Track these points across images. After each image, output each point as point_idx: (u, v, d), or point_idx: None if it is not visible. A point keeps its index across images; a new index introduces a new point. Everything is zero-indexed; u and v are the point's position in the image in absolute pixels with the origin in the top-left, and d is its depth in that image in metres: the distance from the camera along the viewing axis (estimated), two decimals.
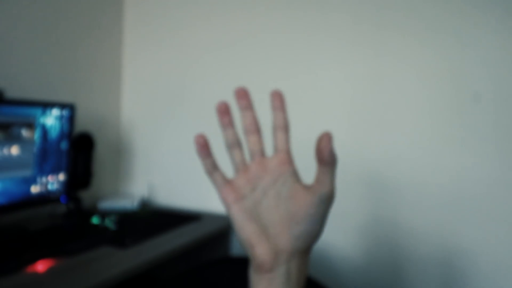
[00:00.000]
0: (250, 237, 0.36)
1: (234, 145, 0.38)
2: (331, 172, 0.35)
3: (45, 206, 1.21)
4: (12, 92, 1.11)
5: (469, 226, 1.09)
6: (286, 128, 0.38)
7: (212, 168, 0.37)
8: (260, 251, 0.36)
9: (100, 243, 1.00)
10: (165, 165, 1.54)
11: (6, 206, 1.04)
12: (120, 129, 1.64)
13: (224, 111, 0.38)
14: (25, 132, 1.07)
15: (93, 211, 1.32)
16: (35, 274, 0.80)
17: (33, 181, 1.11)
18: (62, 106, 1.18)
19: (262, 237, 0.36)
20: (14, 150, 1.04)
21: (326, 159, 0.34)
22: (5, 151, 1.02)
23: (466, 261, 1.09)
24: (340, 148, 1.27)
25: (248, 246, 0.36)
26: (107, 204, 1.39)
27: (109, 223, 1.17)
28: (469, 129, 1.10)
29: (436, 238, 1.13)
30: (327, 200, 0.36)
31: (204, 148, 0.37)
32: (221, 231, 1.29)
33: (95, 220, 1.19)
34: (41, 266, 0.84)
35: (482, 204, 1.08)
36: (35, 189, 1.12)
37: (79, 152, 1.28)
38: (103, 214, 1.26)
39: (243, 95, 0.39)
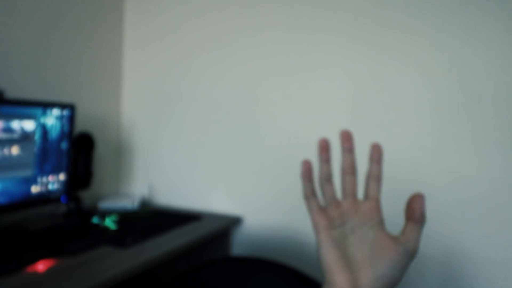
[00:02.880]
0: (334, 263, 0.38)
1: (328, 179, 0.41)
2: (419, 230, 0.38)
3: (46, 206, 1.21)
4: (13, 92, 1.11)
5: (469, 226, 1.09)
6: (380, 179, 0.41)
7: (311, 193, 0.40)
8: (340, 279, 0.37)
9: (100, 243, 1.00)
10: (165, 165, 1.55)
11: (7, 206, 1.04)
12: (120, 129, 1.64)
13: (325, 147, 0.40)
14: (25, 132, 1.07)
15: (93, 211, 1.32)
16: (35, 274, 0.80)
17: (33, 181, 1.11)
18: (62, 106, 1.18)
19: (345, 267, 0.38)
20: (15, 150, 1.05)
21: (418, 218, 0.37)
22: (5, 151, 1.02)
23: (465, 261, 1.09)
24: (339, 147, 1.28)
25: (330, 272, 0.38)
26: (107, 204, 1.39)
27: (110, 223, 1.17)
28: (469, 129, 1.10)
29: (435, 238, 1.13)
30: (411, 254, 0.38)
31: (308, 173, 0.39)
32: (221, 231, 1.29)
33: (95, 220, 1.19)
34: (41, 266, 0.84)
35: (482, 204, 1.08)
36: (35, 189, 1.12)
37: (79, 152, 1.28)
38: (104, 214, 1.26)
39: (347, 138, 0.41)
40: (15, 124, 1.04)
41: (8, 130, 1.02)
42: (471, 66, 1.09)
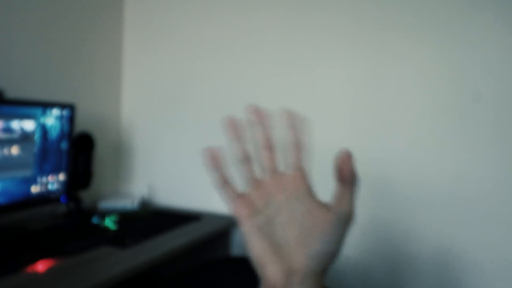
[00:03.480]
0: (262, 255, 0.35)
1: (245, 159, 0.38)
2: (351, 191, 0.34)
3: (45, 206, 1.21)
4: (12, 92, 1.11)
5: (468, 227, 1.09)
6: (299, 145, 0.37)
7: (223, 181, 0.37)
8: (272, 270, 0.34)
9: (100, 243, 1.00)
10: (165, 165, 1.55)
11: (6, 206, 1.04)
12: (120, 129, 1.64)
13: (232, 124, 0.37)
14: (25, 132, 1.07)
15: (93, 211, 1.32)
16: (35, 274, 0.80)
17: (33, 181, 1.11)
18: (62, 106, 1.18)
19: (274, 256, 0.34)
20: (14, 150, 1.05)
21: (347, 177, 0.33)
22: (5, 151, 1.02)
23: (464, 262, 1.09)
24: (339, 147, 1.28)
25: (259, 265, 0.35)
26: (107, 204, 1.39)
27: (109, 223, 1.17)
28: (469, 129, 1.09)
29: (435, 238, 1.13)
30: (346, 220, 0.34)
31: (213, 160, 0.37)
32: (221, 231, 1.29)
33: (95, 220, 1.19)
34: (41, 266, 0.84)
35: (481, 205, 1.08)
36: (35, 189, 1.12)
37: (79, 152, 1.28)
38: (103, 214, 1.26)
39: (254, 111, 0.38)
40: (15, 124, 1.04)
41: (8, 130, 1.02)
42: (471, 66, 1.09)
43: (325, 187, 0.44)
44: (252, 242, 0.35)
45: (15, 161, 1.05)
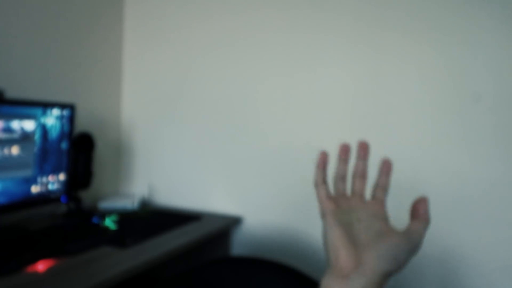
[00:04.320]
0: (338, 239, 0.39)
1: (343, 177, 0.45)
2: (423, 228, 0.39)
3: (46, 206, 1.21)
4: (13, 92, 1.11)
5: (468, 226, 1.09)
6: (387, 188, 0.44)
7: (322, 181, 0.44)
8: (344, 255, 0.38)
9: (100, 243, 1.00)
10: (165, 165, 1.55)
11: (7, 206, 1.04)
12: (120, 129, 1.64)
13: (345, 151, 0.46)
14: (25, 132, 1.07)
15: (93, 211, 1.32)
16: (35, 274, 0.81)
17: (33, 181, 1.11)
18: (62, 106, 1.18)
19: (349, 244, 0.39)
20: (15, 150, 1.05)
21: (422, 216, 0.39)
22: (5, 151, 1.02)
23: (465, 261, 1.09)
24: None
25: (334, 249, 0.39)
26: (107, 204, 1.39)
27: (109, 223, 1.17)
28: (469, 129, 1.10)
29: (435, 238, 1.13)
30: (414, 245, 0.38)
31: (323, 162, 0.44)
32: (221, 231, 1.29)
33: (95, 220, 1.19)
34: (41, 266, 0.84)
35: (482, 205, 1.08)
36: (35, 189, 1.12)
37: (79, 152, 1.28)
38: (104, 214, 1.26)
39: (364, 148, 0.46)
40: (15, 124, 1.04)
41: (8, 130, 1.02)
42: (471, 66, 1.09)
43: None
44: (332, 229, 0.40)
45: (15, 161, 1.05)
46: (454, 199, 1.11)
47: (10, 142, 1.03)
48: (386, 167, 0.46)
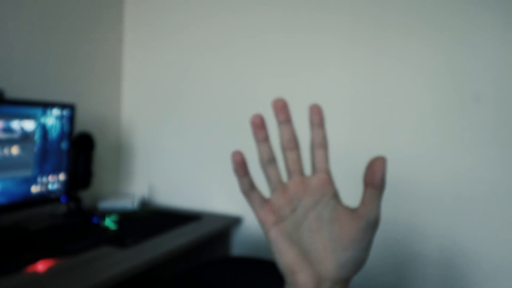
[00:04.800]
0: (292, 262, 0.34)
1: (270, 161, 0.36)
2: (379, 196, 0.33)
3: (46, 206, 1.21)
4: (13, 93, 1.11)
5: (469, 226, 1.09)
6: (325, 146, 0.36)
7: (249, 187, 0.35)
8: (303, 278, 0.33)
9: (100, 243, 1.00)
10: (165, 165, 1.55)
11: (7, 206, 1.04)
12: (120, 129, 1.64)
13: (259, 124, 0.34)
14: (25, 132, 1.07)
15: (93, 211, 1.32)
16: (35, 274, 0.81)
17: (33, 181, 1.11)
18: (62, 106, 1.18)
19: (304, 263, 0.34)
20: (15, 150, 1.05)
21: (377, 182, 0.32)
22: (5, 151, 1.02)
23: (465, 261, 1.10)
24: (340, 148, 1.28)
25: (289, 273, 0.34)
26: (107, 204, 1.39)
27: (110, 223, 1.17)
28: (469, 129, 1.10)
29: (436, 238, 1.13)
30: (374, 225, 0.33)
31: (241, 166, 0.34)
32: (221, 231, 1.29)
33: (95, 220, 1.19)
34: (41, 266, 0.84)
35: (482, 204, 1.08)
36: (35, 189, 1.12)
37: (79, 152, 1.28)
38: (104, 214, 1.26)
39: (281, 107, 0.35)
40: (15, 124, 1.04)
41: (8, 130, 1.02)
42: (471, 66, 1.09)
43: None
44: (280, 250, 0.34)
45: (16, 161, 1.05)
46: (454, 199, 1.11)
47: (10, 142, 1.03)
48: (316, 116, 0.36)
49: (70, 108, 1.20)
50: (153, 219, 1.28)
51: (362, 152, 1.21)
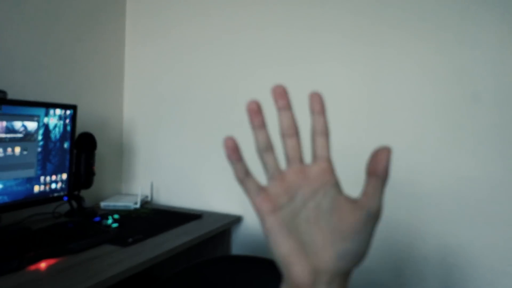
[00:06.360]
0: (287, 254, 0.32)
1: (267, 149, 0.35)
2: (382, 187, 0.31)
3: (48, 205, 1.22)
4: (15, 95, 1.12)
5: (468, 227, 1.10)
6: (326, 133, 0.35)
7: (244, 174, 0.33)
8: (298, 271, 0.31)
9: (102, 241, 1.01)
10: (167, 165, 1.56)
11: (10, 205, 1.05)
12: (122, 129, 1.65)
13: (256, 110, 0.34)
14: (28, 133, 1.08)
15: (95, 210, 1.33)
16: (38, 273, 0.82)
17: (36, 180, 1.12)
18: (64, 106, 1.19)
19: (301, 255, 0.32)
20: (18, 150, 1.06)
21: (381, 172, 0.31)
22: (8, 150, 1.03)
23: (465, 261, 1.10)
24: (340, 148, 1.28)
25: (284, 264, 0.32)
26: (109, 203, 1.41)
27: (111, 222, 1.18)
28: (469, 129, 1.10)
29: (435, 238, 1.13)
30: (375, 217, 0.32)
31: (234, 151, 0.33)
32: (221, 230, 1.30)
33: (97, 219, 1.20)
34: (43, 265, 0.85)
35: (482, 204, 1.08)
36: (38, 188, 1.13)
37: (81, 152, 1.29)
38: (105, 213, 1.27)
39: (281, 93, 0.35)
40: (18, 125, 1.05)
41: (11, 130, 1.03)
42: (471, 66, 1.10)
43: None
44: (276, 240, 0.32)
45: (18, 160, 1.06)
46: (454, 199, 1.11)
47: (13, 142, 1.04)
48: (316, 104, 0.36)
49: (72, 108, 1.21)
50: (154, 218, 1.29)
51: (361, 151, 1.22)
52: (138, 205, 1.42)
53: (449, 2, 1.12)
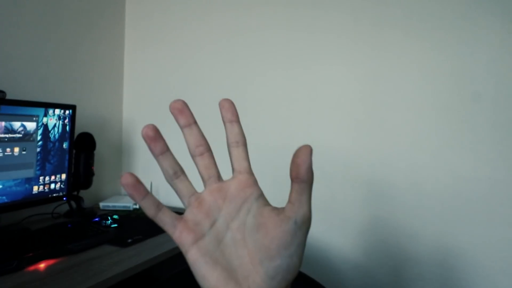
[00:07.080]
0: (216, 285, 0.29)
1: (176, 175, 0.33)
2: (307, 191, 0.29)
3: (47, 205, 1.22)
4: (14, 95, 1.12)
5: (468, 227, 1.10)
6: (243, 142, 0.33)
7: (155, 209, 0.31)
8: None
9: (101, 242, 1.01)
10: None
11: (9, 206, 1.05)
12: (121, 129, 1.65)
13: (152, 137, 0.31)
14: (27, 133, 1.08)
15: (94, 210, 1.33)
16: (37, 273, 0.81)
17: (35, 180, 1.12)
18: (63, 107, 1.19)
19: (230, 283, 0.29)
20: (17, 150, 1.05)
21: (303, 176, 0.28)
22: (7, 151, 1.03)
23: (464, 262, 1.10)
24: (340, 148, 1.28)
25: None
26: (108, 203, 1.40)
27: (111, 222, 1.18)
28: (469, 129, 1.10)
29: (435, 239, 1.13)
30: (304, 224, 0.29)
31: (135, 189, 0.31)
32: None
33: (96, 219, 1.20)
34: (43, 265, 0.85)
35: (481, 204, 1.08)
36: (37, 188, 1.13)
37: (80, 152, 1.29)
38: (105, 214, 1.27)
39: (180, 110, 0.32)
40: (17, 125, 1.05)
41: (10, 130, 1.03)
42: (471, 66, 1.10)
43: (327, 187, 0.44)
44: (201, 273, 0.29)
45: (17, 161, 1.06)
46: (454, 199, 1.11)
47: (12, 142, 1.04)
48: (227, 112, 0.34)
49: (71, 108, 1.21)
50: None
51: (361, 151, 1.22)
52: (137, 206, 1.42)
53: (449, 2, 1.12)
